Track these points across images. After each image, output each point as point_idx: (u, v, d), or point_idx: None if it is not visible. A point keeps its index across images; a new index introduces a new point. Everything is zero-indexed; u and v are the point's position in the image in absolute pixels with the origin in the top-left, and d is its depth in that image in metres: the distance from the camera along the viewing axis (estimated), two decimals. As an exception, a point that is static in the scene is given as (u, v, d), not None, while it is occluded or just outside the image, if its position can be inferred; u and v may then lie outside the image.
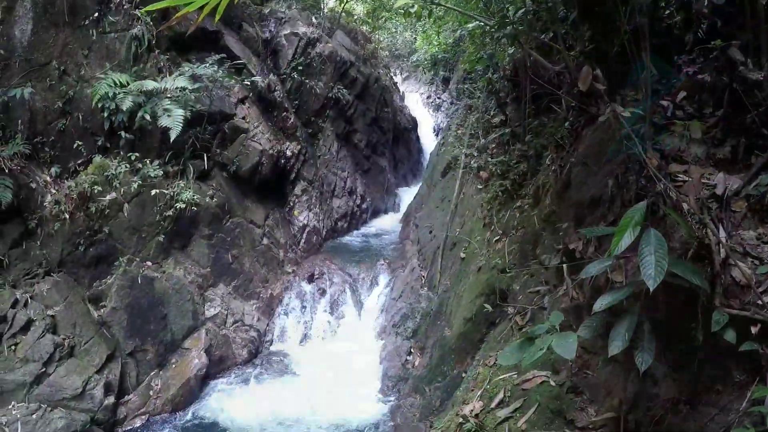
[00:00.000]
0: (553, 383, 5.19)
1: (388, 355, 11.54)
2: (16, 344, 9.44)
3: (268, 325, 12.88)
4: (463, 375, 7.88)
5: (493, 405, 5.31)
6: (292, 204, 14.72)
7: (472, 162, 11.42)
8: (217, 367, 11.55)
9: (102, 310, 10.66)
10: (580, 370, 5.13)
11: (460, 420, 5.34)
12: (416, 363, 10.73)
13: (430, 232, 12.70)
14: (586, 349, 5.10)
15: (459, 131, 13.29)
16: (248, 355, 12.07)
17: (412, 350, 11.11)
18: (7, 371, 9.22)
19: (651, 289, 3.49)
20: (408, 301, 12.00)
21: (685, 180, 4.46)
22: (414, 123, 22.66)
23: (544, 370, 5.38)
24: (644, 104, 4.59)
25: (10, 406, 9.04)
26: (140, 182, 11.14)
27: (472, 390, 5.93)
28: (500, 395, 5.37)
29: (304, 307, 13.15)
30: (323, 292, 13.19)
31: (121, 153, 11.36)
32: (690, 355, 3.98)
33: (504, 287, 7.84)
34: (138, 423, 10.20)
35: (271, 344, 12.72)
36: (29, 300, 9.90)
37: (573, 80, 6.35)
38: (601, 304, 4.05)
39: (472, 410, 5.29)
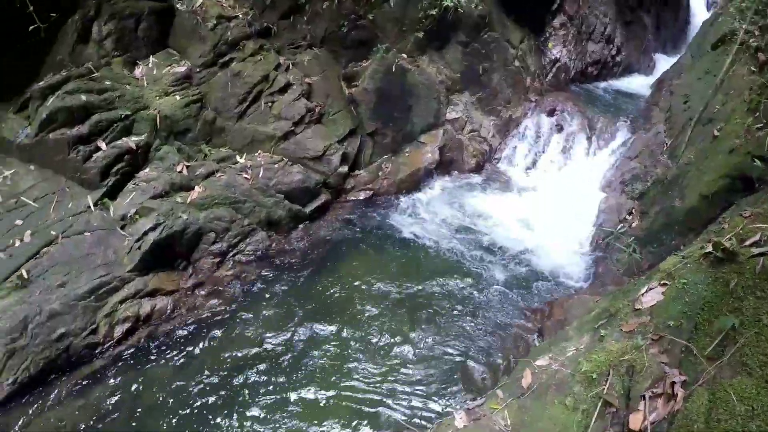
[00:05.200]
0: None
1: (607, 208, 10.26)
2: (273, 102, 9.24)
3: (500, 144, 11.88)
4: (682, 247, 6.66)
5: (746, 244, 4.36)
6: (548, 35, 13.11)
7: (750, 40, 9.26)
8: (444, 167, 10.89)
9: (353, 89, 10.18)
10: None
11: (708, 250, 4.46)
12: (634, 224, 9.45)
13: (685, 102, 10.83)
14: None
15: (742, 4, 10.86)
16: (475, 165, 11.24)
17: (633, 210, 9.78)
18: (260, 124, 9.12)
19: None
20: (643, 163, 10.47)
21: None
22: (688, -14, 19.29)
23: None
24: None
25: (257, 154, 9.02)
26: (410, -25, 10.13)
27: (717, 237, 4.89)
28: (755, 237, 4.38)
29: (538, 137, 11.97)
30: (560, 129, 11.85)
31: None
32: None
33: (756, 175, 6.54)
34: (362, 196, 9.98)
35: (498, 162, 11.80)
36: (290, 66, 9.58)
37: None
38: None
39: (720, 244, 4.32)
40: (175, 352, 6.93)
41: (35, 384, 6.60)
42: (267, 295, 7.76)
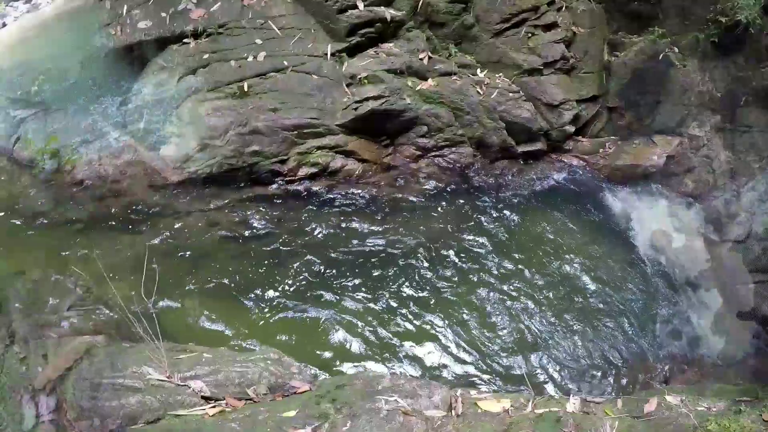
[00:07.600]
0: None
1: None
2: (532, 34, 8.41)
3: (724, 183, 10.08)
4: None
5: None
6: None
7: None
8: (661, 176, 9.47)
9: (613, 58, 9.10)
10: None
11: None
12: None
13: None
14: None
15: None
16: (691, 191, 9.66)
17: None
18: (513, 49, 8.36)
19: None
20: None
21: None
22: None
23: None
24: None
25: (497, 75, 8.32)
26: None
27: None
28: None
29: (762, 200, 10.43)
30: (787, 200, 10.28)
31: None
32: None
33: None
34: (574, 162, 9.02)
35: (713, 201, 10.12)
36: (563, 8, 8.68)
37: None
38: None
39: None
40: (340, 215, 7.01)
41: (210, 183, 6.65)
42: (442, 208, 7.53)
